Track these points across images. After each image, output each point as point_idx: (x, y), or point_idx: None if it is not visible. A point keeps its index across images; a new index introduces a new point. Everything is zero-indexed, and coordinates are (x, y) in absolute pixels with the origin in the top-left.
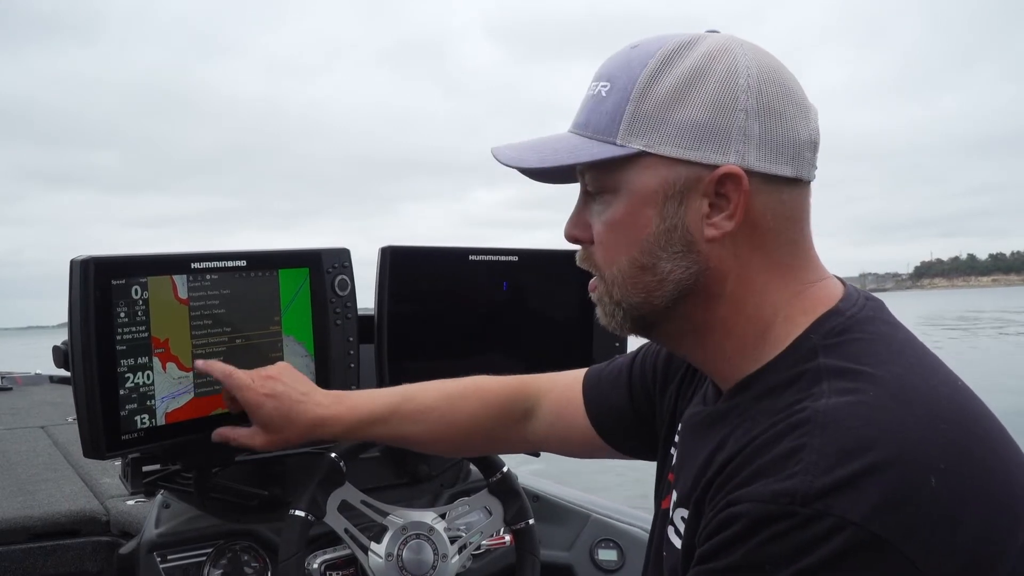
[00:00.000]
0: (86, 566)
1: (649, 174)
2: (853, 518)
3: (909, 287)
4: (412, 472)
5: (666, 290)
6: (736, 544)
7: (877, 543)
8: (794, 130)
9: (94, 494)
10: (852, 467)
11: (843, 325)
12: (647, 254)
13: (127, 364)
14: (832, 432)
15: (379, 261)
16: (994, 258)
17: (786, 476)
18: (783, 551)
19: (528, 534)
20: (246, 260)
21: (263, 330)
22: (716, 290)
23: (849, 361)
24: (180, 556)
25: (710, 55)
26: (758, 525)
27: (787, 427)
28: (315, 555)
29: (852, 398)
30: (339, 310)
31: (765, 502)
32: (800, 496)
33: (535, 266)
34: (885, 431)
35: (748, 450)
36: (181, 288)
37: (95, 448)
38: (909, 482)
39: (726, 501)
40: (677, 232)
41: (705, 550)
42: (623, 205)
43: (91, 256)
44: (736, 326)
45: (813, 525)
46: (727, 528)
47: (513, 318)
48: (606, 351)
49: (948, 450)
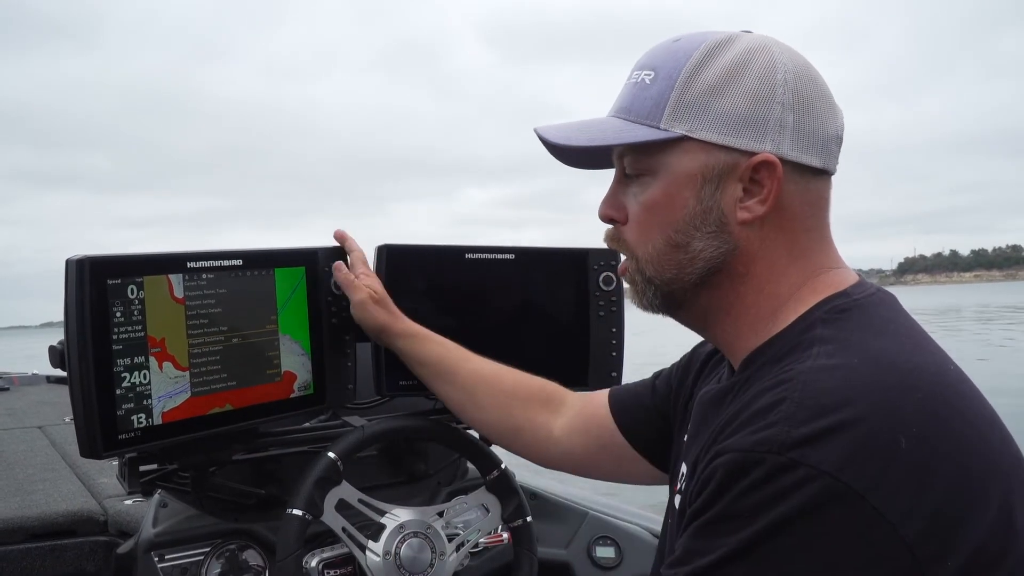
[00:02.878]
0: (84, 566)
1: (689, 158)
2: (825, 468)
3: (893, 283)
4: (409, 470)
5: (696, 267)
6: (717, 496)
7: (848, 493)
8: (824, 124)
9: (91, 494)
10: (827, 420)
11: (846, 305)
12: (681, 233)
13: (123, 364)
14: (811, 389)
15: (375, 259)
16: (976, 254)
17: (765, 426)
18: (759, 500)
19: (526, 532)
20: (242, 259)
21: (259, 329)
22: (741, 270)
23: (842, 332)
24: (178, 555)
25: (750, 51)
26: (736, 473)
27: (771, 384)
28: (313, 554)
29: (836, 361)
30: (335, 308)
31: (743, 451)
32: (777, 444)
33: (532, 264)
34: (861, 392)
35: (736, 409)
36: (177, 287)
37: (92, 448)
38: (879, 439)
39: (712, 454)
40: (712, 214)
41: (694, 508)
42: (662, 186)
43: (87, 255)
44: (754, 305)
45: (787, 474)
46: (710, 482)
47: (509, 316)
48: (603, 349)
49: (921, 417)
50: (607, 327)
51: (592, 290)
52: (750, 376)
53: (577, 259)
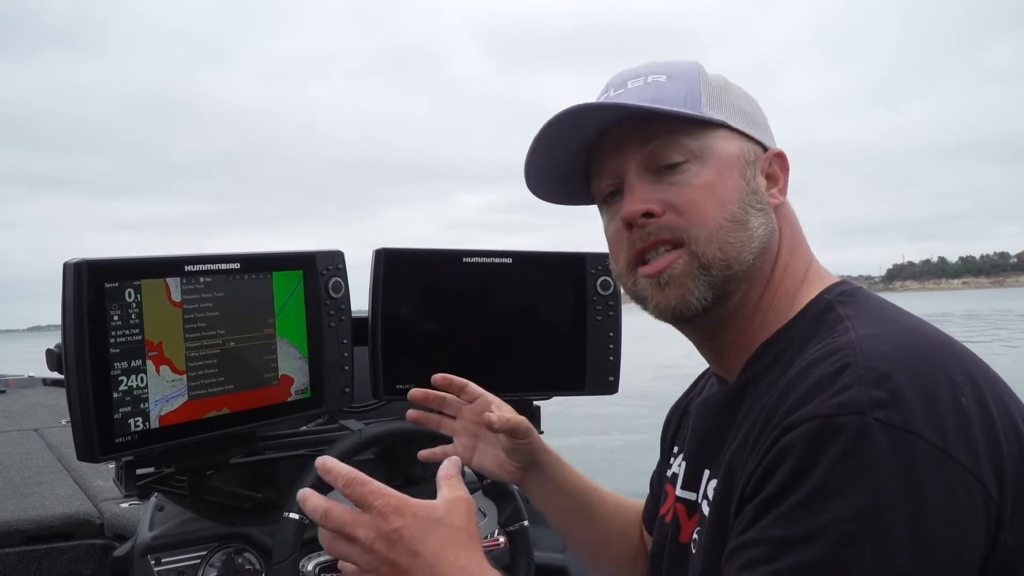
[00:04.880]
0: (80, 569)
1: (731, 143)
2: (912, 427)
3: (882, 289)
4: (406, 474)
5: (754, 246)
6: (807, 470)
7: (938, 453)
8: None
9: (88, 497)
10: (896, 382)
11: (850, 290)
12: (741, 210)
13: (120, 367)
14: (870, 354)
15: (373, 263)
16: (964, 261)
17: (840, 389)
18: (857, 466)
19: (522, 536)
20: (240, 263)
21: (257, 332)
22: (773, 254)
23: (863, 310)
24: (174, 559)
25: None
26: (824, 440)
27: (824, 355)
28: (309, 557)
29: (876, 330)
30: (333, 312)
31: (825, 416)
32: (858, 405)
33: (529, 268)
34: (912, 355)
35: (784, 386)
36: (174, 291)
37: (89, 451)
38: (945, 399)
39: (781, 428)
40: (758, 194)
41: (771, 491)
42: (713, 169)
43: (84, 259)
44: (780, 284)
45: (879, 435)
46: (787, 456)
47: (507, 320)
48: (600, 353)
49: (971, 380)
50: (604, 331)
51: (590, 294)
52: (765, 367)
53: (574, 263)
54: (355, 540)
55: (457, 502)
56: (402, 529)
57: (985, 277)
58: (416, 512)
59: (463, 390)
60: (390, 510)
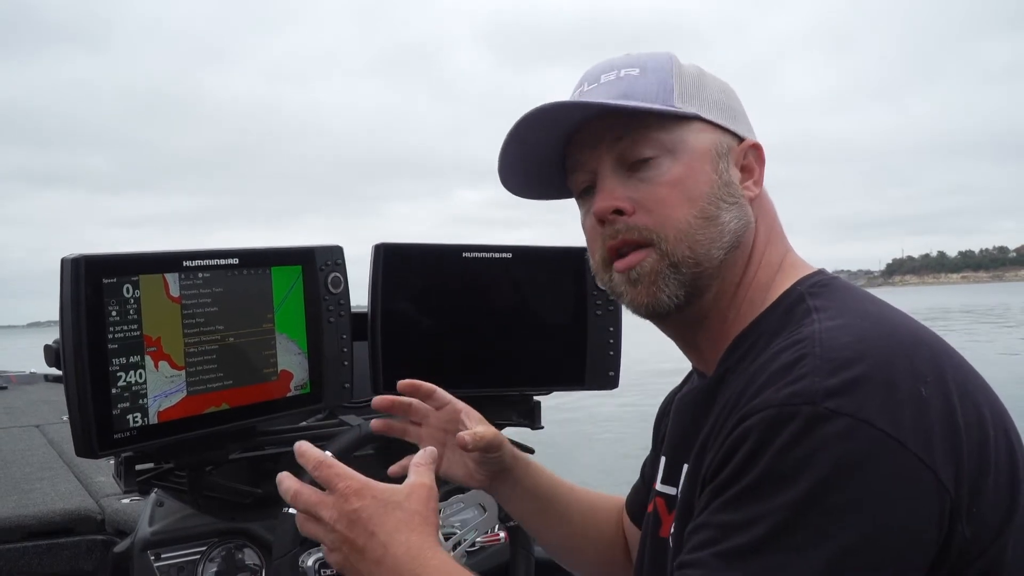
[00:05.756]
0: (81, 564)
1: (703, 136)
2: (864, 416)
3: (881, 284)
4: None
5: (725, 241)
6: (755, 457)
7: (888, 441)
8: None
9: (89, 493)
10: (853, 371)
11: (824, 281)
12: (712, 205)
13: (119, 363)
14: (829, 344)
15: (372, 258)
16: (963, 255)
17: (793, 380)
18: (804, 454)
19: (522, 531)
20: (238, 258)
21: (256, 328)
22: (748, 247)
23: (833, 301)
24: (174, 554)
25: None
26: (774, 428)
27: (785, 346)
28: (309, 553)
29: (841, 321)
30: (332, 307)
31: (777, 406)
32: (810, 394)
33: (528, 263)
34: (874, 346)
35: (746, 378)
36: (173, 286)
37: (87, 447)
38: (903, 389)
39: (738, 418)
40: (731, 187)
41: (724, 477)
42: (685, 162)
43: (82, 254)
44: (754, 279)
45: (827, 423)
46: (742, 444)
47: (507, 315)
48: (600, 348)
49: (934, 369)
50: (605, 326)
51: (590, 289)
52: (739, 358)
53: (574, 257)
54: (320, 520)
55: (419, 488)
56: (360, 510)
57: (984, 271)
58: (376, 495)
59: (430, 396)
60: (351, 492)
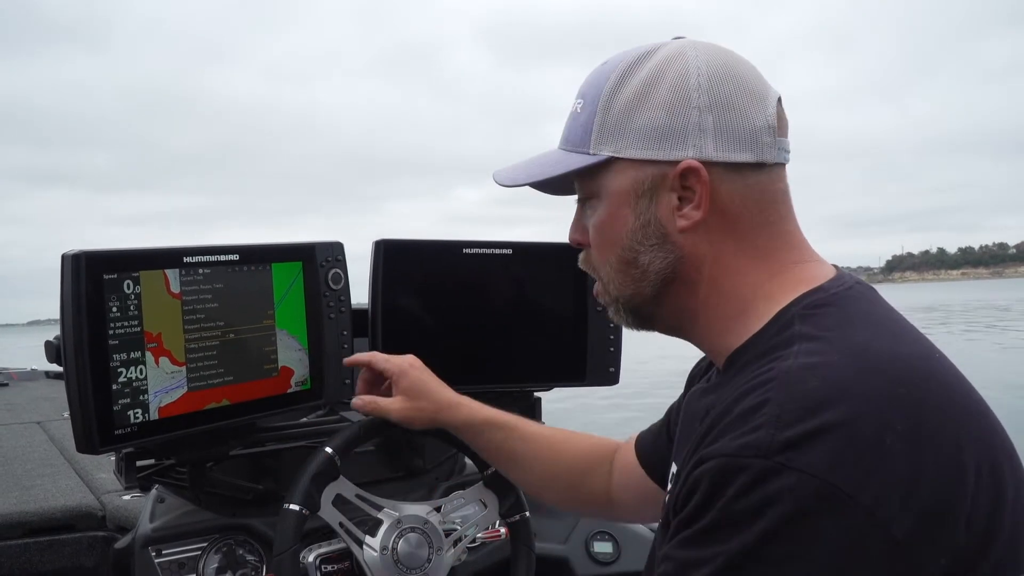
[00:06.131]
0: (82, 561)
1: (621, 177)
2: (814, 471)
3: (881, 280)
4: (407, 466)
5: (649, 281)
6: (705, 506)
7: (837, 495)
8: (749, 118)
9: (90, 489)
10: (812, 423)
11: (823, 300)
12: (628, 250)
13: (120, 359)
14: (793, 390)
15: (373, 254)
16: (963, 252)
17: (750, 430)
18: (747, 506)
19: (523, 527)
20: (239, 254)
21: (256, 324)
22: (695, 276)
23: (821, 329)
24: (175, 550)
25: (665, 61)
26: (724, 479)
27: (753, 386)
28: (310, 549)
29: (816, 359)
30: (333, 304)
31: (729, 456)
32: (763, 448)
33: (529, 259)
34: (844, 391)
35: (718, 411)
36: (173, 282)
37: (88, 443)
38: (865, 439)
39: (694, 462)
40: (651, 227)
41: (681, 517)
42: (605, 208)
43: (83, 250)
44: (718, 307)
45: (775, 478)
46: (696, 489)
47: (507, 311)
48: (601, 342)
49: (906, 413)
50: (605, 322)
51: (590, 285)
52: (730, 376)
53: (575, 254)
54: None
55: None
56: None
57: (984, 268)
58: None
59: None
60: None
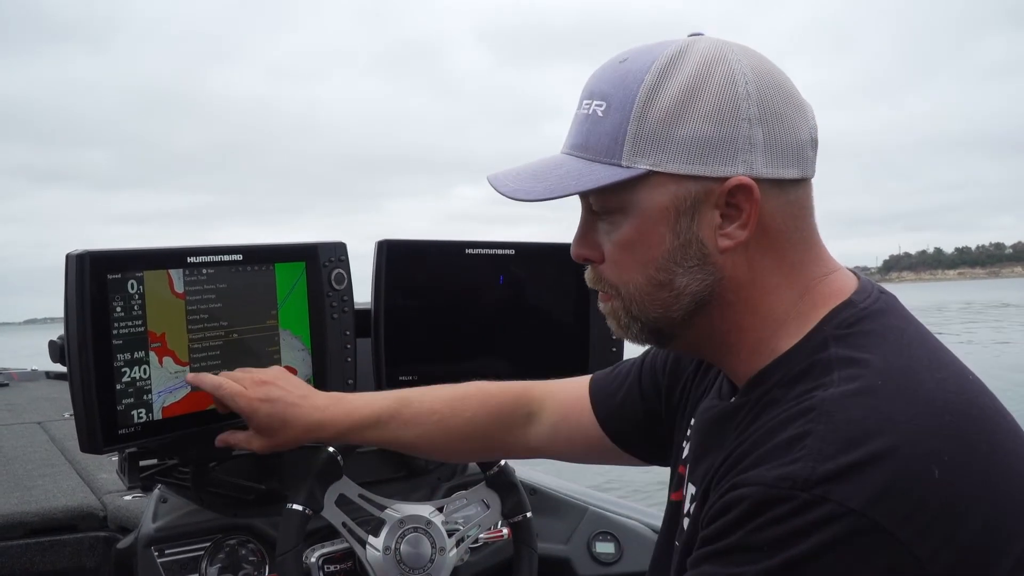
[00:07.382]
0: (83, 561)
1: (659, 192)
2: (852, 505)
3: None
4: (410, 466)
5: (683, 303)
6: (736, 526)
7: (876, 530)
8: (795, 131)
9: (91, 489)
10: (855, 455)
11: (855, 316)
12: (663, 271)
13: (123, 359)
14: (837, 420)
15: (375, 254)
16: (960, 252)
17: (789, 461)
18: (780, 534)
19: (525, 527)
20: (242, 254)
21: (259, 324)
22: (731, 298)
23: (859, 351)
24: (178, 550)
25: (706, 64)
26: (759, 508)
27: (794, 415)
28: (313, 549)
29: (859, 386)
30: (336, 304)
31: (767, 485)
32: (802, 481)
33: (531, 259)
34: (889, 421)
35: (755, 436)
36: (177, 282)
37: (92, 442)
38: (911, 472)
39: (730, 484)
40: (692, 247)
41: (707, 533)
42: (634, 225)
43: (87, 250)
44: (752, 328)
45: (812, 510)
46: (729, 511)
47: (510, 311)
48: (603, 342)
49: (952, 442)
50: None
51: None
52: (758, 399)
53: None
54: None
55: None
56: None
57: (981, 268)
58: None
59: None
60: None
